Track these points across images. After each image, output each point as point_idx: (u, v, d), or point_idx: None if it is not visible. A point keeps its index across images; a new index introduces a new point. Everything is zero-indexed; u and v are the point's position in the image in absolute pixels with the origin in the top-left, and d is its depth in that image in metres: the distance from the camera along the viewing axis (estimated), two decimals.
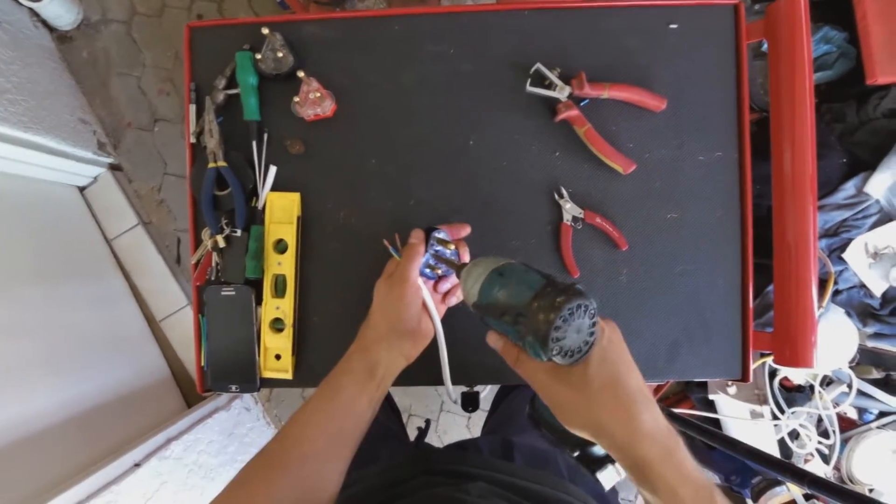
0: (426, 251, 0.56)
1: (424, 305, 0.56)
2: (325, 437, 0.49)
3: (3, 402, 1.06)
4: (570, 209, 0.68)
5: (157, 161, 1.70)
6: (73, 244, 1.51)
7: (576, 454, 0.50)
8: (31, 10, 1.56)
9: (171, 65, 1.69)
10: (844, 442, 1.22)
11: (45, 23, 1.63)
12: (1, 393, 1.07)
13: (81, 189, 1.64)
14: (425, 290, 0.55)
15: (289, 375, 0.68)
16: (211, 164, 0.67)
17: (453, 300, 0.61)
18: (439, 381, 0.62)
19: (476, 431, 1.73)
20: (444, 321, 0.60)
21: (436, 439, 1.74)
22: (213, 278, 0.69)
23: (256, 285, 0.68)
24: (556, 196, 0.68)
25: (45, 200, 1.48)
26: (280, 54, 0.66)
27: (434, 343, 0.58)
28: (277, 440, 0.49)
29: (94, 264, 1.56)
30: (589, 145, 0.67)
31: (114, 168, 1.68)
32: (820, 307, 1.13)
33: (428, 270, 0.57)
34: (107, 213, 1.64)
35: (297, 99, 0.66)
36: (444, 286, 0.59)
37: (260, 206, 0.68)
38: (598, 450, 0.48)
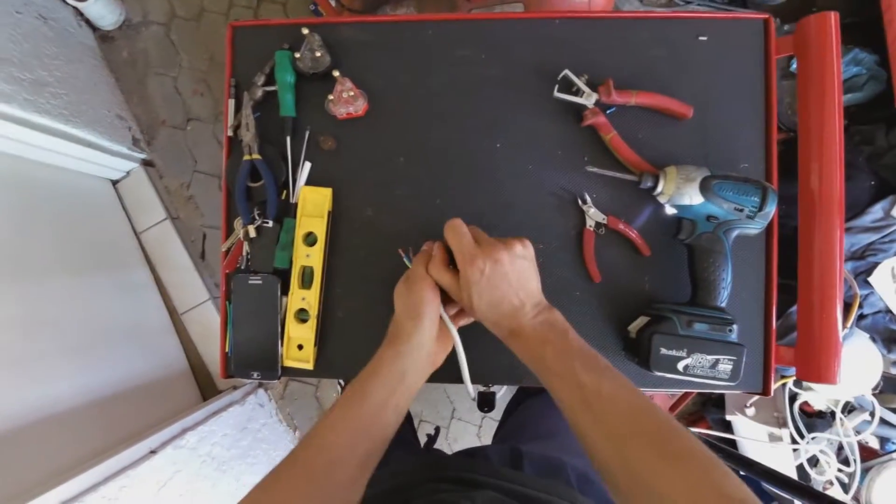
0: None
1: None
2: (352, 444, 0.49)
3: (28, 384, 1.10)
4: (593, 215, 0.68)
5: (187, 159, 1.75)
6: (103, 235, 1.55)
7: None
8: (75, 9, 1.63)
9: (207, 67, 1.75)
10: (865, 471, 1.19)
11: (88, 22, 1.70)
12: (27, 375, 1.10)
13: (114, 182, 1.69)
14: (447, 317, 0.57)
15: (310, 366, 0.70)
16: (246, 157, 0.69)
17: (463, 321, 0.61)
18: (457, 380, 0.62)
19: (487, 440, 1.72)
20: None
21: (446, 447, 1.73)
22: (242, 267, 0.71)
23: (283, 276, 0.70)
24: (580, 202, 0.69)
25: (80, 191, 1.53)
26: (318, 54, 0.69)
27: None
28: (305, 443, 0.49)
29: (121, 255, 1.60)
30: (614, 152, 0.68)
31: (146, 164, 1.73)
32: (844, 328, 1.11)
33: None
34: (137, 207, 1.69)
35: (331, 97, 0.69)
36: (454, 308, 0.60)
37: (293, 199, 0.71)
38: None
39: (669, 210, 0.67)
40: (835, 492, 1.18)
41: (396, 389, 0.52)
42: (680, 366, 0.59)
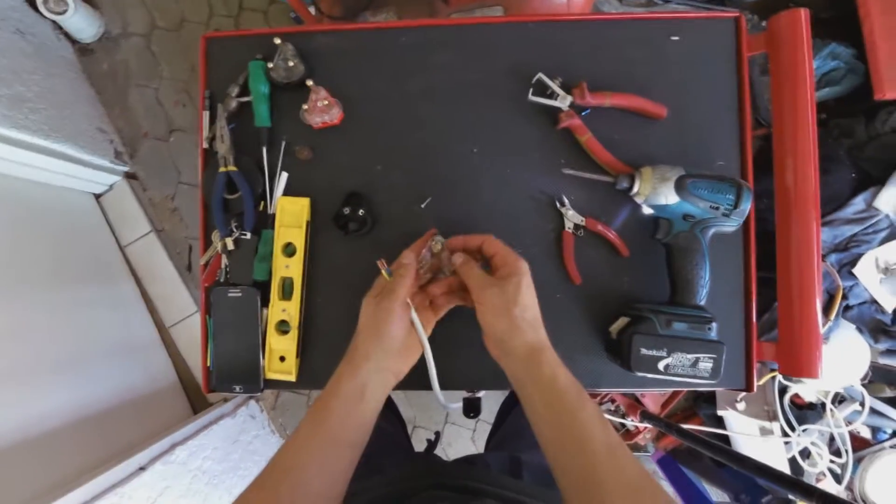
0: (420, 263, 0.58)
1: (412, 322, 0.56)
2: (318, 464, 0.49)
3: (15, 402, 1.09)
4: (571, 217, 0.68)
5: (171, 170, 1.74)
6: (87, 250, 1.54)
7: None
8: (54, 22, 1.62)
9: (188, 77, 1.74)
10: (857, 461, 1.20)
11: (67, 35, 1.69)
12: (13, 392, 1.09)
13: (97, 196, 1.68)
14: (412, 308, 0.55)
15: (292, 377, 0.69)
16: (222, 169, 0.69)
17: (444, 308, 0.60)
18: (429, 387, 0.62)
19: (481, 444, 1.72)
20: (445, 323, 0.61)
21: (440, 451, 1.72)
22: (221, 280, 0.70)
23: (263, 287, 0.69)
24: (558, 204, 0.69)
25: (63, 206, 1.52)
26: (291, 63, 0.69)
27: (436, 349, 0.58)
28: (270, 468, 0.49)
29: (107, 270, 1.59)
30: (590, 154, 0.68)
31: (129, 176, 1.72)
32: (828, 320, 1.12)
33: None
34: (121, 220, 1.67)
35: (305, 107, 0.68)
36: (436, 289, 0.60)
37: (271, 210, 0.70)
38: None
39: (646, 210, 0.67)
40: (828, 483, 1.19)
41: (356, 407, 0.51)
42: (660, 365, 0.59)
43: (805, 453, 1.23)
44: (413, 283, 0.56)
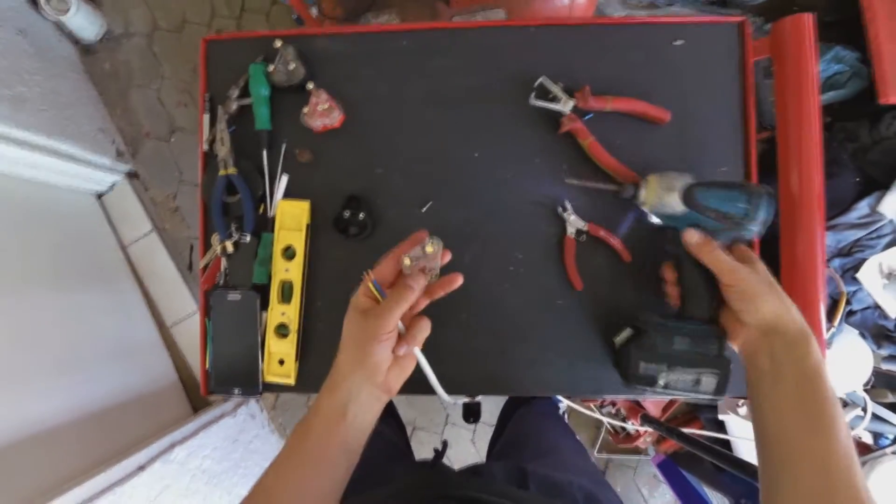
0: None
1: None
2: (296, 484, 0.47)
3: (16, 401, 1.09)
4: (573, 222, 0.68)
5: (172, 170, 1.74)
6: (89, 249, 1.54)
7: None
8: (56, 23, 1.62)
9: (190, 78, 1.74)
10: None
11: (69, 35, 1.69)
12: (15, 391, 1.09)
13: (99, 196, 1.68)
14: (402, 326, 0.52)
15: (291, 381, 0.69)
16: (222, 172, 0.69)
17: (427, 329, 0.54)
18: (431, 391, 0.61)
19: (481, 446, 1.71)
20: (433, 330, 0.57)
21: None
22: (221, 283, 0.70)
23: (263, 291, 0.69)
24: (560, 209, 0.68)
25: (64, 206, 1.52)
26: (292, 66, 0.68)
27: (431, 356, 0.55)
28: (253, 489, 0.48)
29: (108, 269, 1.59)
30: (593, 158, 0.67)
31: (131, 176, 1.72)
32: (831, 327, 1.11)
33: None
34: (123, 220, 1.68)
35: (306, 110, 0.68)
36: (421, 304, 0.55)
37: (270, 213, 0.70)
38: None
39: (654, 219, 0.66)
40: None
41: (337, 426, 0.49)
42: (661, 381, 0.58)
43: None
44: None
